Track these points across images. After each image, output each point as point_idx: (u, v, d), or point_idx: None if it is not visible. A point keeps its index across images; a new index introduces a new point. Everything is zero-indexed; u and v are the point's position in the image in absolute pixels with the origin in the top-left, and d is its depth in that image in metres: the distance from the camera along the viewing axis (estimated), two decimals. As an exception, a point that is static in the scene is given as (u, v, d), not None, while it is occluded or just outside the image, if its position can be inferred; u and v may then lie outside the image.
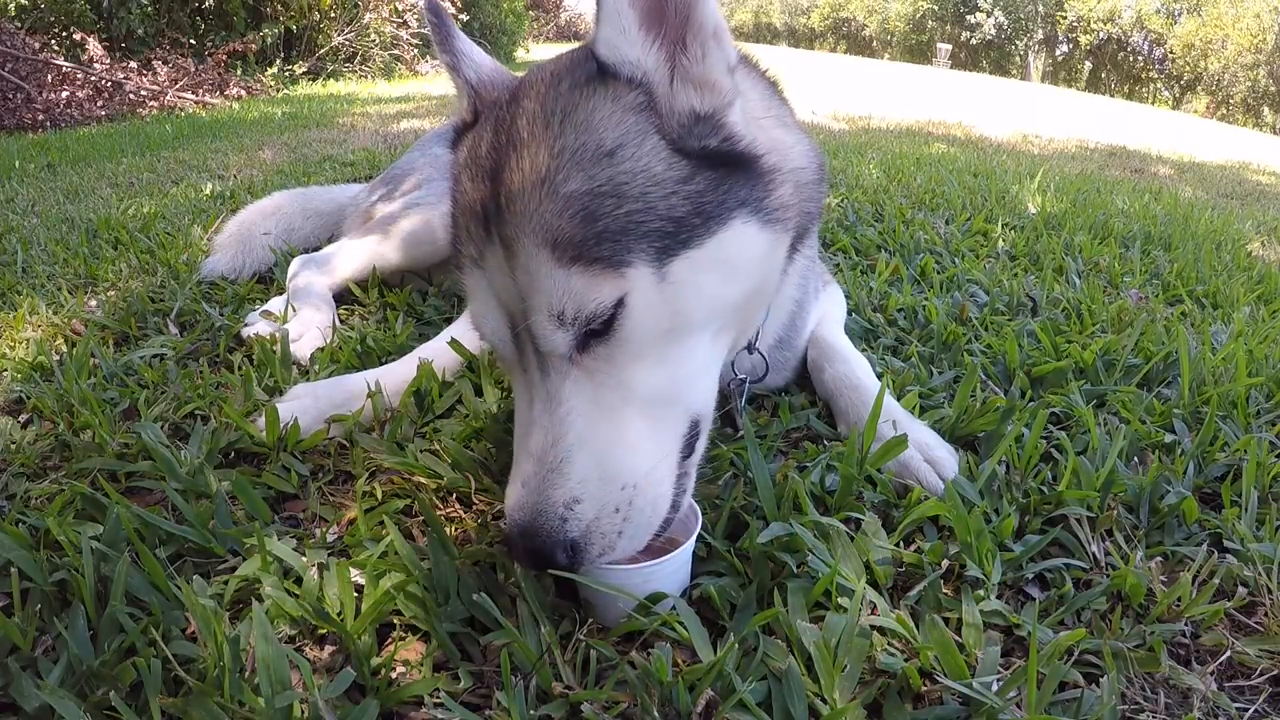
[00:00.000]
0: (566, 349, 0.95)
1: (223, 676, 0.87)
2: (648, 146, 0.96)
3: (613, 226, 0.92)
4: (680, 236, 0.95)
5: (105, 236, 2.75)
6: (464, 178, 1.07)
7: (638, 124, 0.97)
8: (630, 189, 0.94)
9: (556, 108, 0.99)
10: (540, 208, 0.93)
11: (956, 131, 7.72)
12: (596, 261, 0.91)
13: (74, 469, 1.33)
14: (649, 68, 0.99)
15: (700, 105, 1.01)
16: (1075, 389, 1.59)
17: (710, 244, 0.97)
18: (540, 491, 0.93)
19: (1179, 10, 32.35)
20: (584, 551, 0.93)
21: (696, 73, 1.00)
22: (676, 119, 0.99)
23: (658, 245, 0.94)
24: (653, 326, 0.96)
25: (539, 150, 0.96)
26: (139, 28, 9.22)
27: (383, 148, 4.76)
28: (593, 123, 0.97)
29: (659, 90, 0.99)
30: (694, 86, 1.01)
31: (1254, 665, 1.00)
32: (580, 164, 0.94)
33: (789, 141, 1.15)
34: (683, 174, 0.97)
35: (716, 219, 0.98)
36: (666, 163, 0.96)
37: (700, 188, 0.97)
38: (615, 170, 0.94)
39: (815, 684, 0.91)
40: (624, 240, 0.92)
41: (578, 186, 0.93)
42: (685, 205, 0.96)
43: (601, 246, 0.92)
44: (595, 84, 1.00)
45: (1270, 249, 3.42)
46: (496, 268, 0.98)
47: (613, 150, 0.95)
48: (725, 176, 1.00)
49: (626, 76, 0.99)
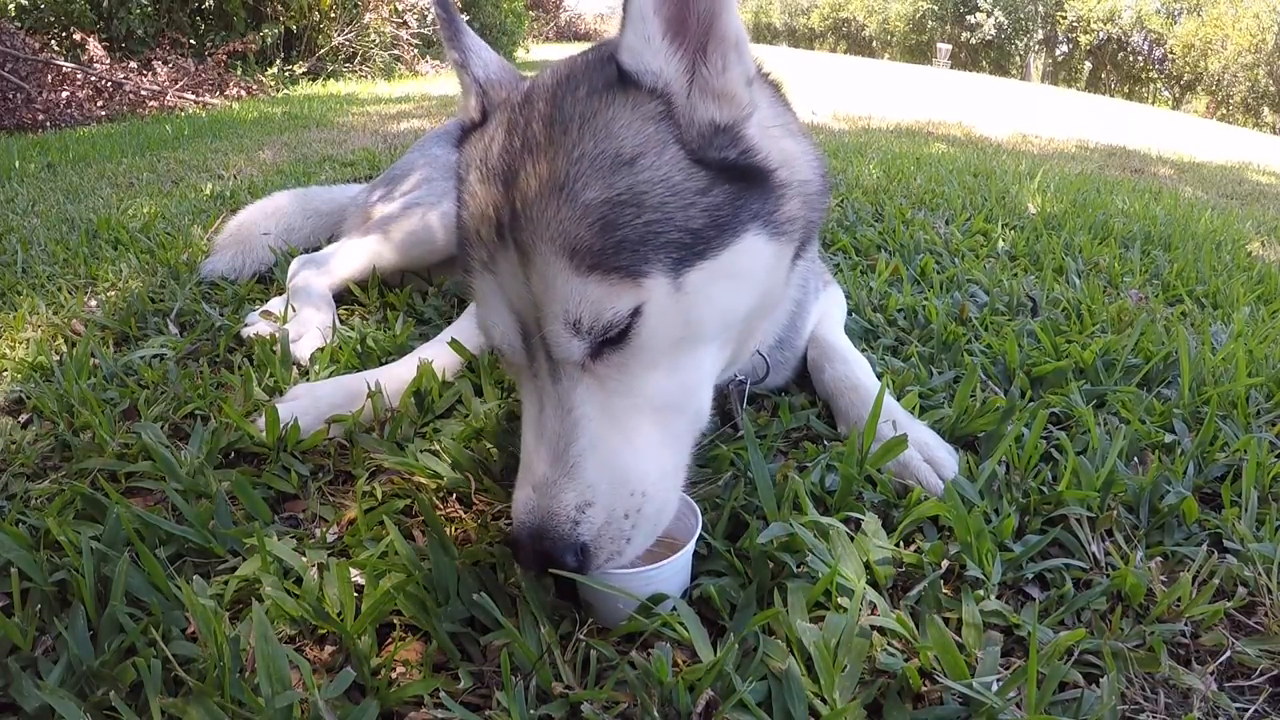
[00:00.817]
0: (580, 356, 0.95)
1: (223, 676, 0.87)
2: (667, 156, 0.96)
3: (631, 236, 0.92)
4: (697, 248, 0.95)
5: (105, 237, 2.75)
6: (473, 179, 1.05)
7: (658, 133, 0.97)
8: (649, 198, 0.93)
9: (575, 113, 0.97)
10: (558, 215, 0.92)
11: (956, 131, 7.72)
12: (615, 271, 0.91)
13: (74, 469, 1.33)
14: (670, 77, 0.98)
15: (720, 117, 1.00)
16: (1075, 389, 1.59)
17: (724, 256, 0.97)
18: (552, 495, 0.93)
19: (1179, 10, 32.35)
20: (593, 555, 0.94)
21: (717, 84, 1.00)
22: (696, 129, 0.98)
23: (675, 256, 0.93)
24: (666, 336, 0.96)
25: (557, 156, 0.95)
26: (139, 28, 9.22)
27: (383, 148, 4.75)
28: (613, 130, 0.96)
29: (678, 100, 0.99)
30: (713, 98, 1.00)
31: (1254, 665, 1.00)
32: (599, 172, 0.93)
33: (797, 153, 1.14)
34: (701, 185, 0.96)
35: (731, 231, 0.98)
36: (685, 173, 0.96)
37: (718, 200, 0.97)
38: (635, 179, 0.93)
39: (815, 684, 0.91)
40: (642, 250, 0.92)
41: (597, 195, 0.92)
42: (703, 217, 0.95)
43: (620, 256, 0.91)
44: (615, 91, 0.99)
45: (1270, 249, 3.42)
46: (510, 273, 0.98)
47: (632, 159, 0.94)
48: (742, 190, 0.99)
49: (649, 86, 0.98)
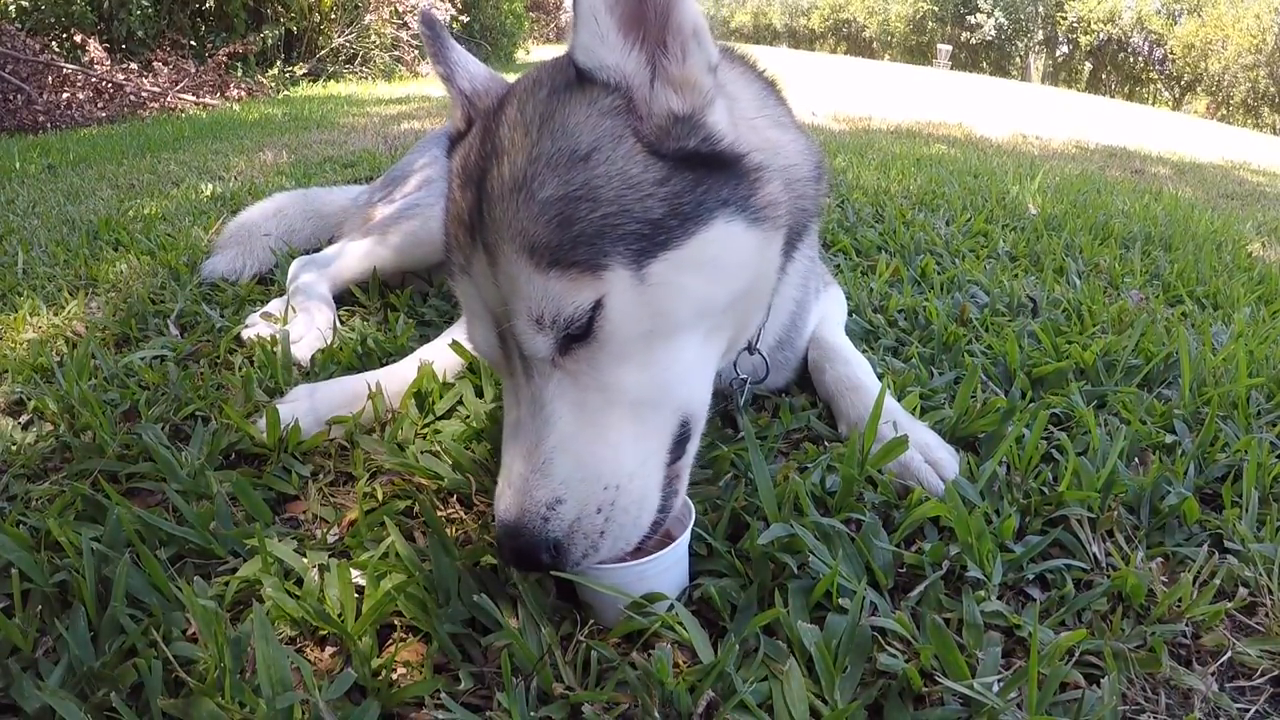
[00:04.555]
0: (548, 352, 0.96)
1: (223, 678, 0.87)
2: (623, 150, 0.96)
3: (588, 230, 0.92)
4: (658, 238, 0.95)
5: (106, 238, 2.75)
6: (455, 186, 1.08)
7: (613, 127, 0.97)
8: (605, 192, 0.94)
9: (535, 114, 1.00)
10: (518, 214, 0.94)
11: (956, 132, 7.72)
12: (573, 265, 0.92)
13: (75, 470, 1.33)
14: (628, 71, 0.99)
15: (680, 106, 1.00)
16: (1076, 390, 1.59)
17: (691, 244, 0.97)
18: (524, 492, 0.94)
19: (1179, 11, 32.36)
20: (567, 551, 0.94)
21: (676, 73, 1.00)
22: (655, 120, 0.99)
23: (635, 247, 0.94)
24: (633, 328, 0.96)
25: (518, 156, 0.97)
26: (139, 29, 9.23)
27: (383, 149, 4.76)
28: (568, 128, 0.97)
29: (639, 93, 0.99)
30: (674, 88, 1.00)
31: (1255, 666, 1.00)
32: (555, 169, 0.94)
33: (782, 140, 1.14)
34: (659, 176, 0.96)
35: (695, 219, 0.97)
36: (642, 165, 0.96)
37: (677, 189, 0.97)
38: (590, 174, 0.94)
39: (816, 685, 0.91)
40: (599, 243, 0.92)
41: (553, 192, 0.93)
42: (662, 207, 0.95)
43: (577, 250, 0.92)
44: (573, 89, 1.00)
45: (1270, 249, 3.41)
46: (481, 274, 1.00)
47: (587, 154, 0.95)
48: (704, 177, 0.99)
49: (604, 81, 0.99)
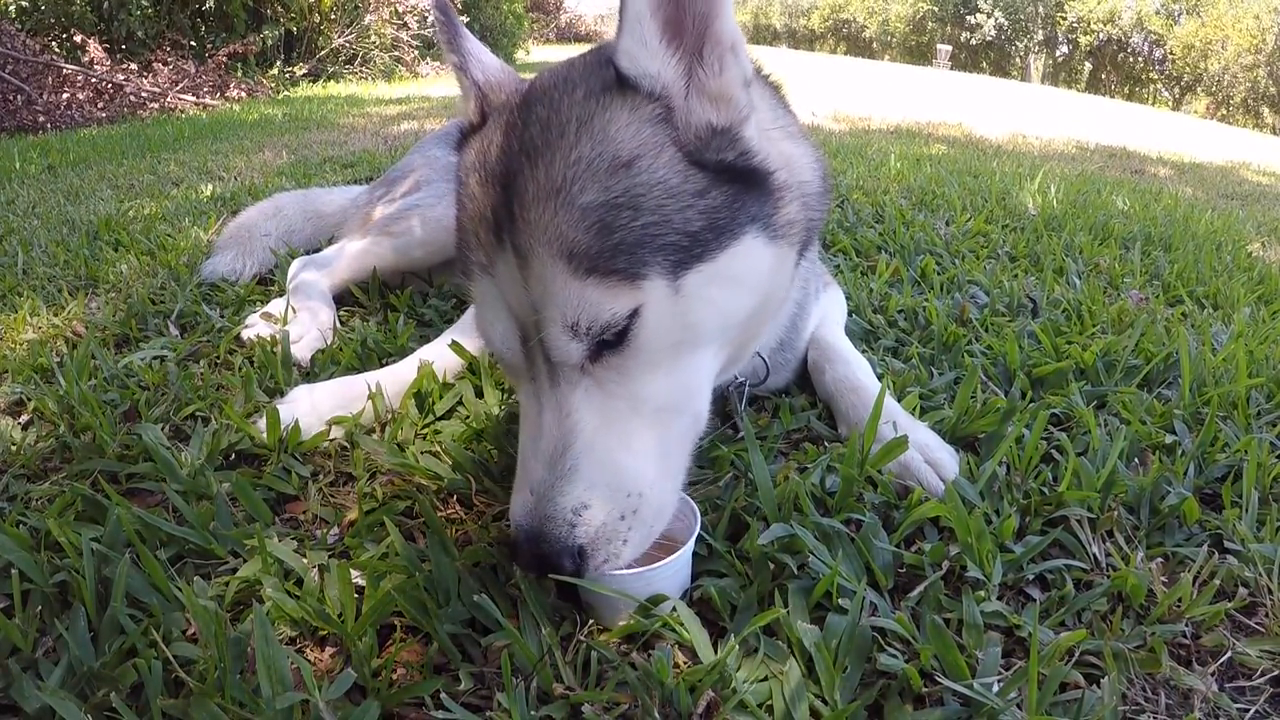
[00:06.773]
0: (579, 359, 0.95)
1: (223, 678, 0.87)
2: (665, 159, 0.96)
3: (629, 239, 0.92)
4: (694, 250, 0.95)
5: (106, 238, 2.75)
6: (472, 182, 1.05)
7: (655, 136, 0.97)
8: (647, 201, 0.93)
9: (572, 116, 0.97)
10: (556, 218, 0.92)
11: (956, 133, 7.72)
12: (612, 274, 0.91)
13: (74, 470, 1.33)
14: (668, 80, 0.98)
15: (717, 119, 1.00)
16: (1076, 390, 1.59)
17: (722, 258, 0.97)
18: (549, 498, 0.93)
19: (1179, 11, 32.34)
20: (590, 557, 0.94)
21: (713, 86, 1.00)
22: (693, 132, 0.98)
23: (673, 258, 0.94)
24: (665, 338, 0.96)
25: (555, 159, 0.95)
26: (139, 29, 9.23)
27: (383, 149, 4.76)
28: (610, 133, 0.96)
29: (676, 103, 0.99)
30: (710, 100, 1.00)
31: (1255, 666, 1.00)
32: (596, 175, 0.93)
33: (796, 155, 1.14)
34: (699, 187, 0.96)
35: (729, 233, 0.98)
36: (683, 175, 0.96)
37: (716, 202, 0.97)
38: (632, 182, 0.93)
39: (816, 685, 0.91)
40: (639, 253, 0.92)
41: (594, 198, 0.92)
42: (701, 219, 0.95)
43: (617, 259, 0.91)
44: (613, 93, 0.99)
45: (1270, 249, 3.41)
46: (508, 276, 0.98)
47: (630, 162, 0.94)
48: (740, 192, 0.99)
49: (646, 89, 0.98)
